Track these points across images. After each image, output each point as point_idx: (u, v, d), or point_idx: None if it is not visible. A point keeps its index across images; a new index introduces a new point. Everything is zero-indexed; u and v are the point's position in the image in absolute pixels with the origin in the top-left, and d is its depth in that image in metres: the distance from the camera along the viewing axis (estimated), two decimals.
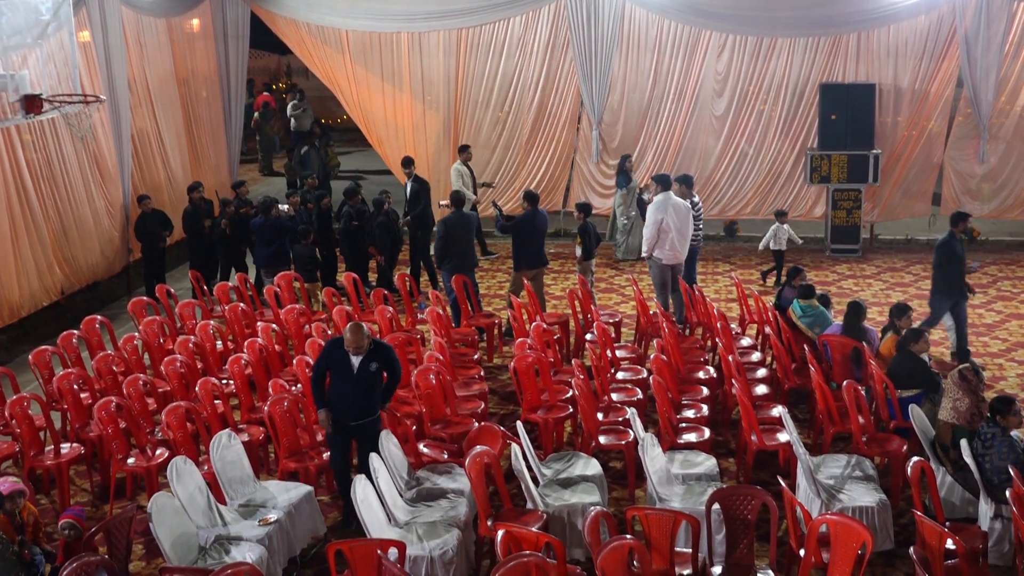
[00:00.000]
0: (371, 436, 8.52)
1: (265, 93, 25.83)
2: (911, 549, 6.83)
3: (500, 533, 6.94)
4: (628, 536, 6.85)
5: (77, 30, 12.58)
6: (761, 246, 15.60)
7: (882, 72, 16.62)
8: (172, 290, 13.23)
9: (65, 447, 9.46)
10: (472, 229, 13.28)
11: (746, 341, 11.66)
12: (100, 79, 14.64)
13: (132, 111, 15.65)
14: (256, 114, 24.19)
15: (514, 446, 8.19)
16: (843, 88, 16.43)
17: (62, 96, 11.21)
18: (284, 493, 8.39)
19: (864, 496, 8.10)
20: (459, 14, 17.20)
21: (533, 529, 7.26)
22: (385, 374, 8.73)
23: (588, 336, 11.57)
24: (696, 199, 13.72)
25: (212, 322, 11.90)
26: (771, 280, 15.15)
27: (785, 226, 15.27)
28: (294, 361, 10.49)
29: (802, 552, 7.11)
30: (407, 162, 15.53)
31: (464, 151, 16.50)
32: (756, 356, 11.21)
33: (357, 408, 8.55)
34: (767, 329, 11.37)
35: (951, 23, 16.11)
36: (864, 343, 10.26)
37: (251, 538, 7.69)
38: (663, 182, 12.89)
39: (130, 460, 9.12)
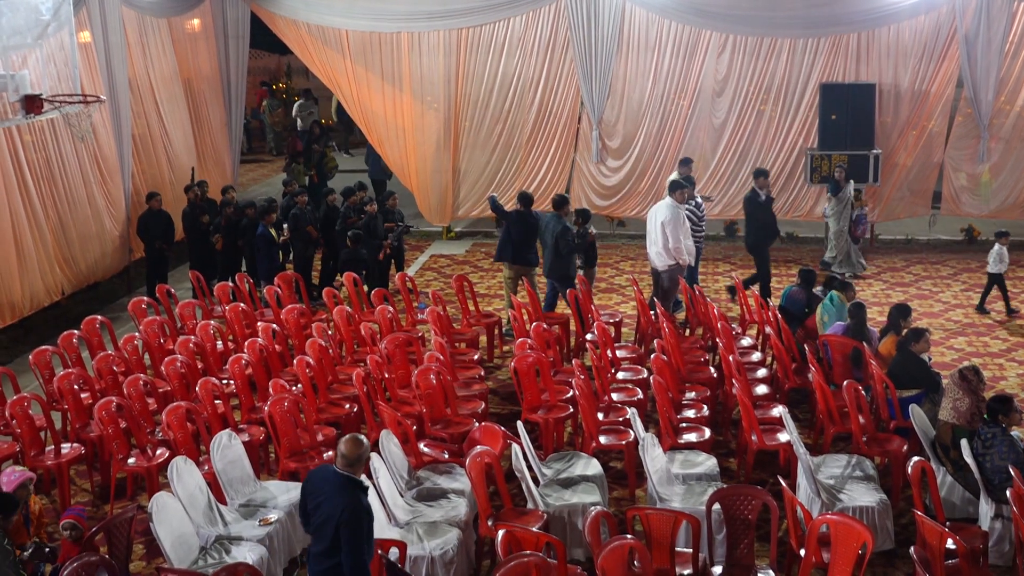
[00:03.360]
0: None
1: (262, 88, 26.05)
2: (911, 549, 6.83)
3: (500, 533, 6.95)
4: (628, 536, 6.85)
5: (77, 30, 12.59)
6: None
7: (882, 72, 16.61)
8: (172, 290, 13.24)
9: (65, 447, 9.46)
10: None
11: (747, 341, 11.66)
12: (101, 79, 14.64)
13: (134, 111, 15.65)
14: (264, 106, 24.26)
15: (514, 446, 8.20)
16: (843, 88, 16.43)
17: (62, 96, 11.20)
18: (285, 493, 8.39)
19: (864, 496, 8.11)
20: (459, 14, 17.19)
21: (533, 529, 7.26)
22: None
23: (588, 336, 11.56)
24: (698, 199, 13.72)
25: (212, 322, 11.90)
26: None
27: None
28: (294, 361, 10.49)
29: (802, 552, 7.12)
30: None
31: (686, 164, 15.18)
32: (756, 356, 11.21)
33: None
34: (767, 329, 11.37)
35: (951, 23, 16.12)
36: (864, 343, 10.26)
37: (251, 538, 7.70)
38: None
39: (130, 460, 9.12)
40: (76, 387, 10.06)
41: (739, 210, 17.38)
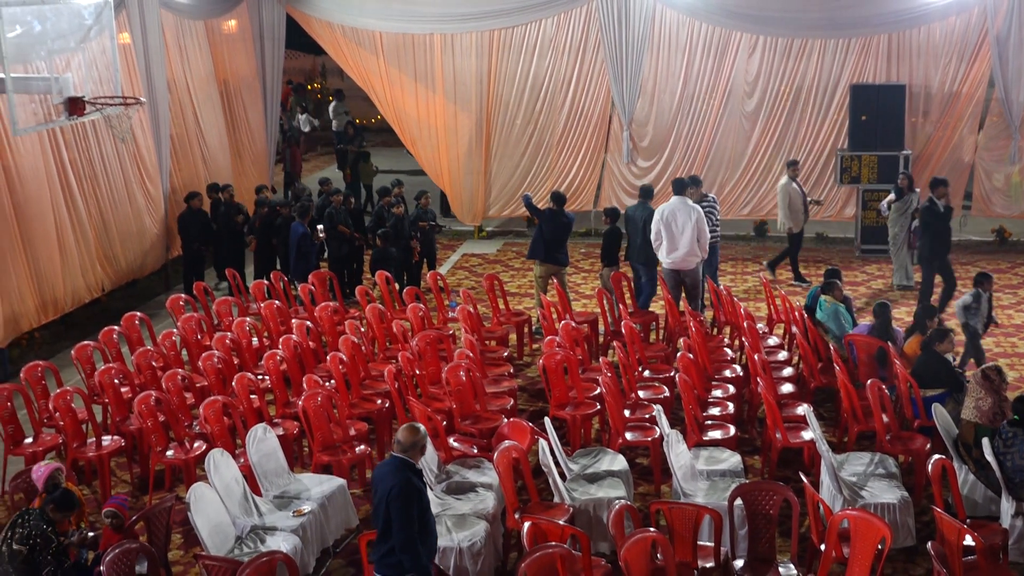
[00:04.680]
0: None
1: (287, 86, 26.40)
2: (929, 544, 6.94)
3: (526, 525, 7.14)
4: (651, 529, 7.02)
5: (117, 33, 12.88)
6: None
7: (913, 73, 16.67)
8: (209, 287, 13.52)
9: (106, 439, 9.75)
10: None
11: (773, 340, 11.78)
12: (140, 81, 14.96)
13: (171, 112, 15.97)
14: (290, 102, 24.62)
15: (541, 441, 8.37)
16: (873, 89, 16.49)
17: (104, 98, 11.50)
18: (318, 485, 8.61)
19: (886, 493, 8.22)
20: (491, 16, 17.40)
21: (559, 522, 7.43)
22: None
23: (616, 335, 11.72)
24: (710, 197, 13.76)
25: (248, 319, 12.16)
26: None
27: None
28: (328, 357, 10.72)
29: (823, 547, 7.25)
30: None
31: (793, 166, 15.56)
32: (783, 355, 11.33)
33: (436, 543, 6.99)
34: (794, 329, 11.48)
35: (983, 24, 16.14)
36: (890, 343, 10.36)
37: (286, 528, 7.92)
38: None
39: (169, 452, 9.40)
40: (116, 381, 10.35)
41: (769, 210, 17.54)
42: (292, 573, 7.05)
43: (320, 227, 14.61)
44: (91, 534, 7.43)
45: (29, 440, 9.77)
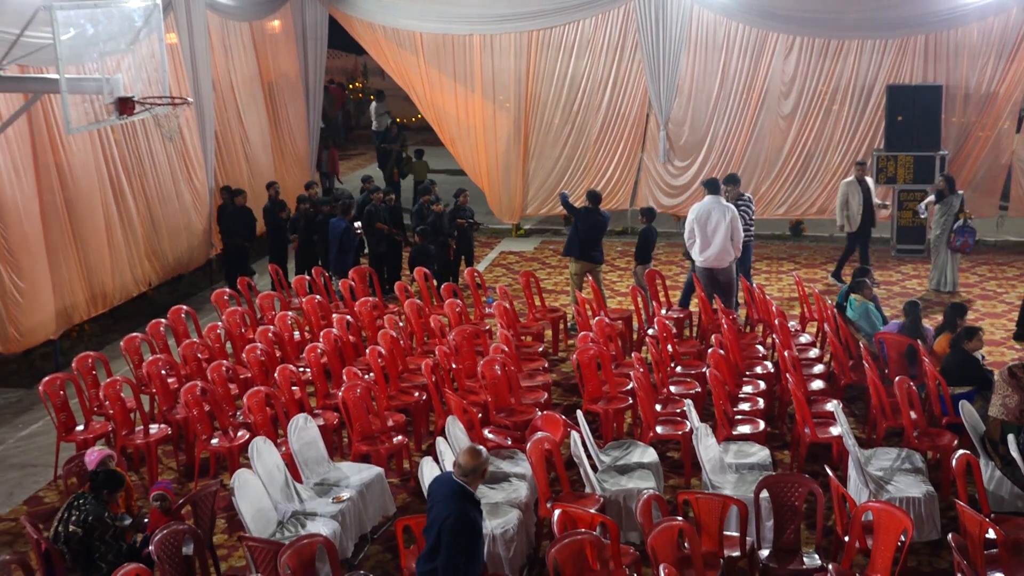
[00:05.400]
0: None
1: (332, 86, 26.73)
2: (949, 536, 7.09)
3: (557, 512, 7.37)
4: (678, 518, 7.23)
5: (165, 34, 13.23)
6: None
7: (950, 73, 16.71)
8: (252, 283, 13.87)
9: (154, 428, 10.09)
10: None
11: (805, 338, 11.93)
12: (186, 81, 15.34)
13: (216, 111, 16.35)
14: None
15: (573, 433, 8.60)
16: (910, 89, 16.56)
17: (152, 98, 11.85)
18: (356, 474, 8.88)
19: (912, 488, 8.36)
20: (530, 16, 17.64)
21: (589, 511, 7.65)
22: None
23: (650, 331, 11.91)
24: (746, 196, 13.89)
25: (290, 313, 12.48)
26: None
27: None
28: (367, 351, 11.01)
29: (847, 538, 7.42)
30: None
31: (861, 166, 15.42)
32: (814, 353, 11.48)
33: (481, 567, 6.83)
34: (825, 327, 11.62)
35: (1021, 24, 16.14)
36: (920, 340, 10.48)
37: (325, 514, 8.20)
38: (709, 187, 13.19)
39: (213, 441, 9.72)
40: (163, 372, 10.70)
41: (805, 210, 17.66)
42: (331, 556, 7.34)
43: (357, 224, 14.90)
44: (145, 520, 7.75)
45: (80, 427, 10.14)
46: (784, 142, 17.55)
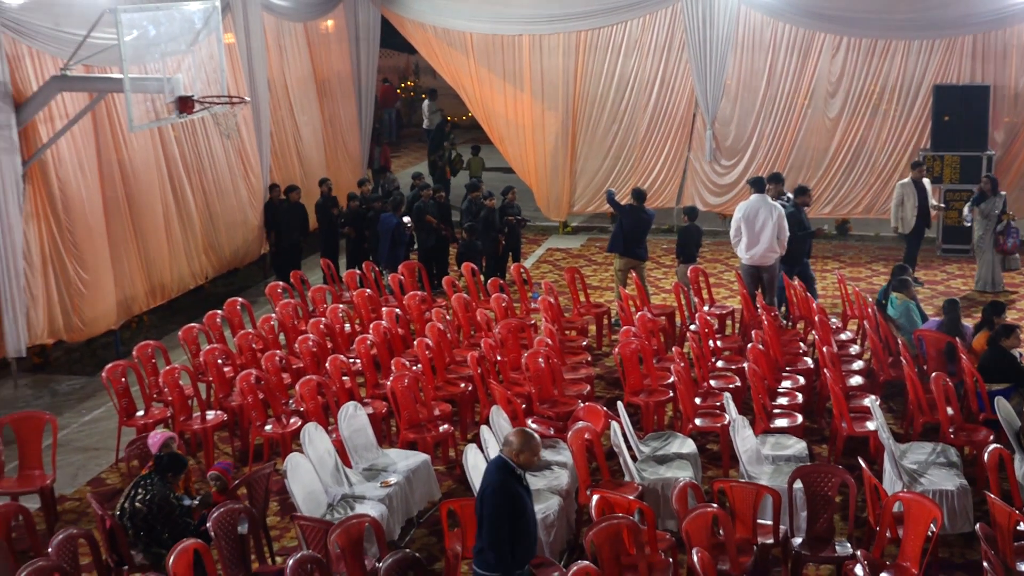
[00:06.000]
0: None
1: (384, 84, 27.16)
2: (977, 526, 7.27)
3: (595, 498, 7.64)
4: (713, 505, 7.47)
5: (223, 35, 13.67)
6: None
7: (998, 73, 16.70)
8: (306, 277, 14.29)
9: (210, 414, 10.51)
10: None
11: (846, 335, 12.08)
12: (243, 80, 15.79)
13: (271, 109, 16.79)
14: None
15: (613, 423, 8.87)
16: (957, 89, 16.57)
17: (211, 97, 12.29)
18: (404, 460, 9.21)
19: (945, 481, 8.53)
20: (578, 17, 17.86)
21: (627, 496, 7.91)
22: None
23: (692, 327, 12.14)
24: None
25: (341, 306, 12.86)
26: None
27: None
28: (415, 343, 11.35)
29: (878, 528, 7.62)
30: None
31: (918, 167, 15.31)
32: (854, 349, 11.65)
33: (531, 554, 6.91)
34: (865, 324, 11.77)
35: None
36: (958, 338, 10.61)
37: (373, 497, 8.53)
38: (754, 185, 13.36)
39: (267, 427, 10.12)
40: (220, 361, 11.11)
41: (851, 209, 17.74)
42: (379, 537, 7.68)
43: (407, 219, 15.26)
44: (211, 499, 8.13)
45: (141, 413, 10.58)
46: (830, 141, 17.63)
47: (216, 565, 7.39)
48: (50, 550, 7.22)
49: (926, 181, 15.23)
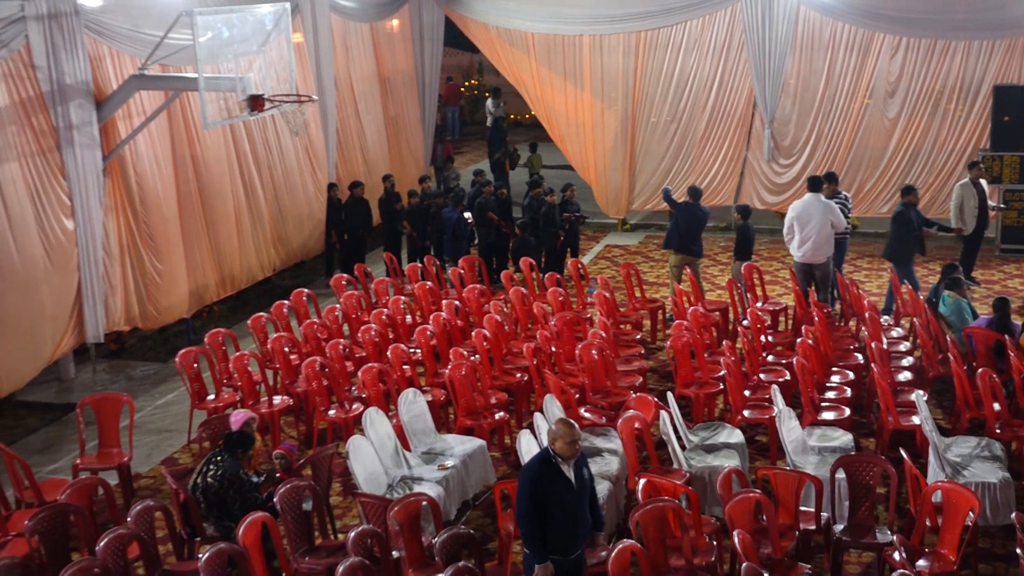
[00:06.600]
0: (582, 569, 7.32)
1: (449, 83, 27.64)
2: (1013, 515, 7.46)
3: (642, 481, 7.95)
4: (756, 490, 7.75)
5: (292, 35, 14.17)
6: None
7: None
8: (369, 270, 14.75)
9: (277, 399, 10.98)
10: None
11: (897, 332, 12.24)
12: (311, 79, 16.31)
13: (337, 107, 17.29)
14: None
15: (662, 412, 9.17)
16: (1017, 90, 16.55)
17: (281, 96, 12.78)
18: (460, 445, 9.60)
19: (988, 474, 8.70)
20: (638, 17, 18.13)
21: (674, 481, 8.21)
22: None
23: (744, 322, 12.37)
24: (843, 194, 14.18)
25: (403, 298, 13.29)
26: None
27: None
28: (473, 334, 11.74)
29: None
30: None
31: (975, 167, 15.21)
32: (905, 346, 11.80)
33: (579, 535, 7.14)
34: (915, 320, 11.92)
35: None
36: (1008, 335, 10.74)
37: (431, 479, 8.91)
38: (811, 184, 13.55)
39: (330, 412, 10.57)
40: (286, 349, 11.60)
41: None
42: (436, 516, 8.07)
43: (467, 214, 15.67)
44: (277, 474, 8.59)
45: (211, 397, 11.10)
46: (889, 141, 17.68)
47: (282, 539, 7.84)
48: (129, 519, 7.72)
49: (983, 182, 15.25)
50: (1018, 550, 7.07)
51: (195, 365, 11.15)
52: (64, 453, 10.86)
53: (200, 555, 7.35)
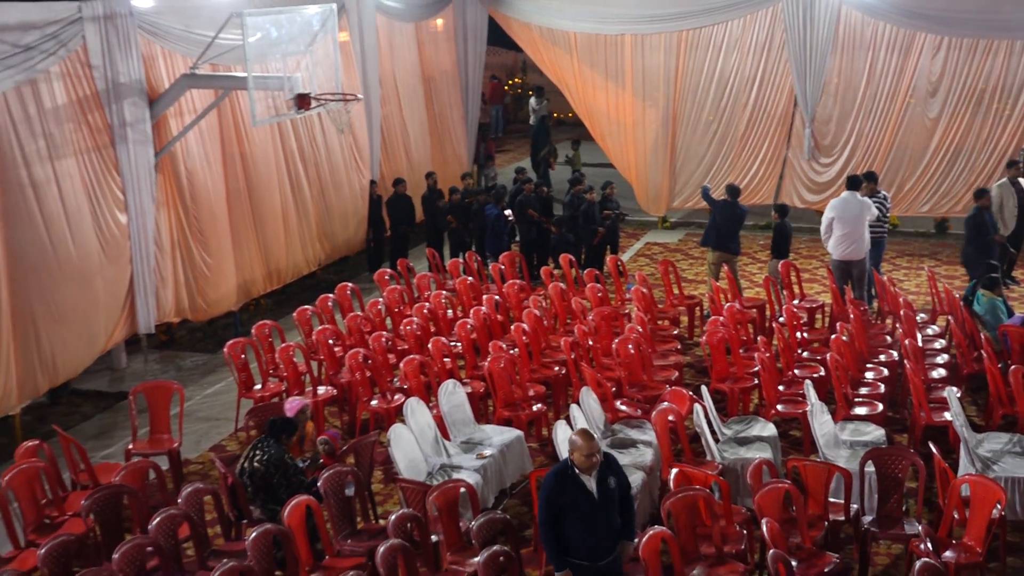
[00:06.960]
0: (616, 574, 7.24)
1: (493, 81, 27.95)
2: None
3: (674, 471, 8.16)
4: (786, 481, 7.93)
5: (337, 34, 14.49)
6: None
7: None
8: (411, 265, 15.06)
9: (321, 389, 11.30)
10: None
11: (933, 330, 12.33)
12: (356, 78, 16.63)
13: (381, 105, 17.61)
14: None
15: (696, 405, 9.37)
16: None
17: (327, 95, 13.11)
18: (499, 435, 9.85)
19: (1019, 469, 8.81)
20: (679, 17, 18.28)
21: (706, 471, 8.41)
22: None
23: (780, 319, 12.52)
24: (881, 194, 14.25)
25: (444, 293, 13.57)
26: None
27: None
28: (512, 328, 11.99)
29: None
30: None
31: (1013, 166, 15.29)
32: (940, 344, 11.90)
33: (603, 546, 7.07)
34: (950, 318, 12.00)
35: None
36: None
37: (470, 468, 9.17)
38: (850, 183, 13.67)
39: (373, 402, 10.86)
40: (330, 341, 11.93)
41: (949, 208, 17.80)
42: (473, 502, 8.33)
43: (508, 211, 15.92)
44: (320, 460, 8.89)
45: (258, 387, 11.44)
46: (930, 140, 17.69)
47: (326, 522, 8.14)
48: (179, 500, 8.06)
49: (1022, 180, 15.24)
50: None
51: (242, 356, 11.50)
52: (117, 439, 11.26)
53: (247, 536, 7.66)
